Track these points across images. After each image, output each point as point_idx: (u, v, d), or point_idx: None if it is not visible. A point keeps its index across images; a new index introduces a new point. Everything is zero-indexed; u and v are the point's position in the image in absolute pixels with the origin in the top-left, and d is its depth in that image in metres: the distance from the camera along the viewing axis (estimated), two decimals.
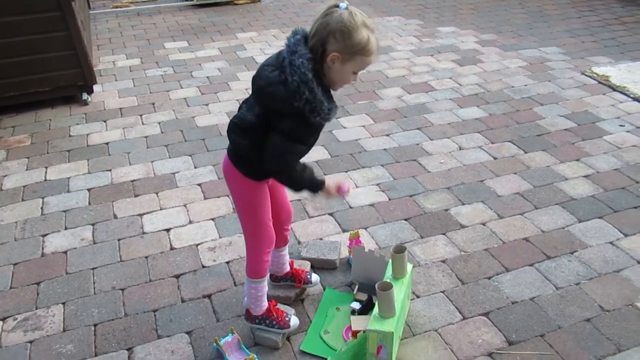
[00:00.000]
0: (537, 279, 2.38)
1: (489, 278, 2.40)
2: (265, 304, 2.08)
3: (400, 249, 2.04)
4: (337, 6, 1.62)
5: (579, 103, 4.03)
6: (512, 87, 4.34)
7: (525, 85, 4.35)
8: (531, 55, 4.97)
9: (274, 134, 1.69)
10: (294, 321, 2.10)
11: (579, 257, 2.51)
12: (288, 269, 2.28)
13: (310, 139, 1.76)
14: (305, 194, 1.97)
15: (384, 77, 4.58)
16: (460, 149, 3.46)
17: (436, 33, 5.66)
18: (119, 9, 6.60)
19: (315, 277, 2.33)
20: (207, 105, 4.12)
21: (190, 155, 3.41)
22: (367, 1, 6.89)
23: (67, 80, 4.12)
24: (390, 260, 2.11)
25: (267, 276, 2.12)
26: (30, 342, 2.15)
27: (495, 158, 3.35)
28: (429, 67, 4.78)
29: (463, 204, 2.91)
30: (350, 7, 1.63)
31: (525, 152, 3.40)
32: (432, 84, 4.42)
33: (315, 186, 1.84)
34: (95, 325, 2.22)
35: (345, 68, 1.66)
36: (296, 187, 1.84)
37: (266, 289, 2.07)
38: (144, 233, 2.74)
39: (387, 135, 3.64)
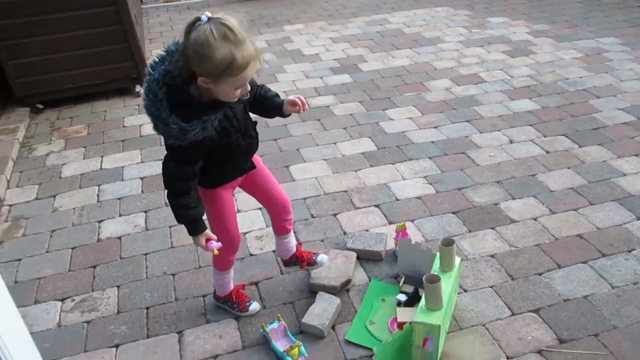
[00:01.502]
0: (591, 277, 2.30)
1: (540, 274, 2.34)
2: (229, 288, 2.20)
3: (448, 242, 2.01)
4: (199, 19, 1.47)
5: (639, 95, 3.85)
6: (567, 79, 4.18)
7: (581, 77, 4.19)
8: (587, 46, 4.77)
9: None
10: (254, 307, 2.21)
11: (637, 256, 2.40)
12: (294, 251, 2.29)
13: (192, 157, 1.66)
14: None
15: (432, 68, 4.51)
16: (511, 142, 3.37)
17: (486, 24, 5.52)
18: (169, 4, 6.76)
19: (321, 258, 2.31)
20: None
21: None
22: None
23: (121, 73, 4.26)
24: (437, 253, 2.09)
25: (231, 269, 2.18)
26: (87, 322, 2.25)
27: (547, 152, 3.24)
28: (479, 58, 4.67)
29: (513, 199, 2.84)
30: (212, 19, 1.46)
31: (580, 146, 3.28)
32: (481, 76, 4.32)
33: (192, 230, 1.80)
34: (147, 308, 2.29)
35: (220, 88, 1.54)
36: (176, 216, 1.78)
37: (229, 277, 2.19)
38: None
39: (435, 127, 3.59)
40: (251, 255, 2.55)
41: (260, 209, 2.86)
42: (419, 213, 2.76)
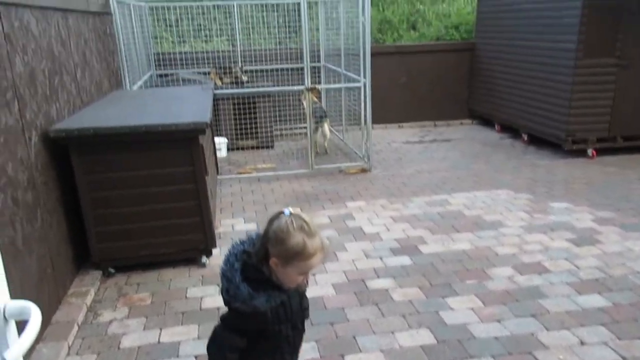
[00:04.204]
0: None
1: None
2: None
3: None
4: (282, 212, 1.79)
5: None
6: (638, 272, 4.02)
7: None
8: None
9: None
10: None
11: None
12: None
13: (246, 327, 1.87)
14: None
15: (494, 254, 4.48)
16: (581, 343, 3.17)
17: (548, 209, 5.55)
18: (242, 175, 7.32)
19: None
20: (314, 275, 4.23)
21: None
22: (475, 173, 7.03)
23: (191, 244, 4.51)
24: None
25: None
26: None
27: (624, 358, 3.00)
28: (542, 245, 4.62)
29: None
30: (293, 213, 1.77)
31: None
32: (545, 265, 4.23)
33: None
34: None
35: (287, 271, 1.79)
36: None
37: None
38: None
39: (498, 320, 3.45)
40: None
41: None
42: None
